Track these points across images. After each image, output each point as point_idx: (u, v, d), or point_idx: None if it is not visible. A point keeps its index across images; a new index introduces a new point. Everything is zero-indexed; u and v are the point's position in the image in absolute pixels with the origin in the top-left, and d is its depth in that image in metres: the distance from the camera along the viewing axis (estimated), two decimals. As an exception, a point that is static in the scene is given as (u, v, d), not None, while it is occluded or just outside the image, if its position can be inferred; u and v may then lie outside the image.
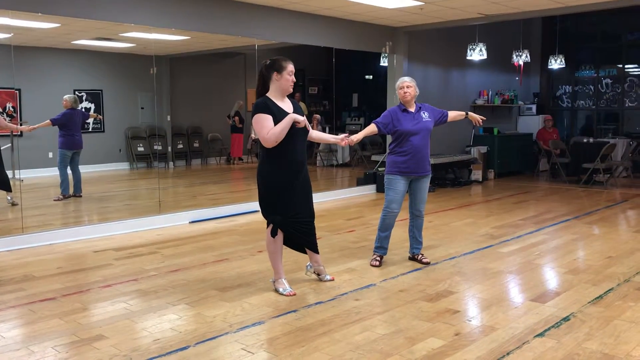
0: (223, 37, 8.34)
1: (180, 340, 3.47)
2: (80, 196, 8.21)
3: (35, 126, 7.84)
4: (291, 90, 4.34)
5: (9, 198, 7.65)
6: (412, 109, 5.10)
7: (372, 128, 5.08)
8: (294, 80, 4.32)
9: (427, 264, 5.16)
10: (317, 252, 4.62)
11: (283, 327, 3.68)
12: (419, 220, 5.23)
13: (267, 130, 4.10)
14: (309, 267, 4.71)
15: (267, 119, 4.12)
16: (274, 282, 4.44)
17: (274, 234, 4.34)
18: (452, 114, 5.35)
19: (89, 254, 5.66)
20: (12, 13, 6.16)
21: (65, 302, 4.20)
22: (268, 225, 4.39)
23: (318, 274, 4.68)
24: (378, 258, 5.17)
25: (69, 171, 8.16)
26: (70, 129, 8.10)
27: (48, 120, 7.90)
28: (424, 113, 5.14)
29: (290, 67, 4.30)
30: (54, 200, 7.98)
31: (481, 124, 5.25)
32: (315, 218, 4.57)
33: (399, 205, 5.07)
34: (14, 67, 6.77)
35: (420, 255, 5.26)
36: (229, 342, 3.44)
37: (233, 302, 4.15)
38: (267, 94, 4.28)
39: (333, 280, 4.68)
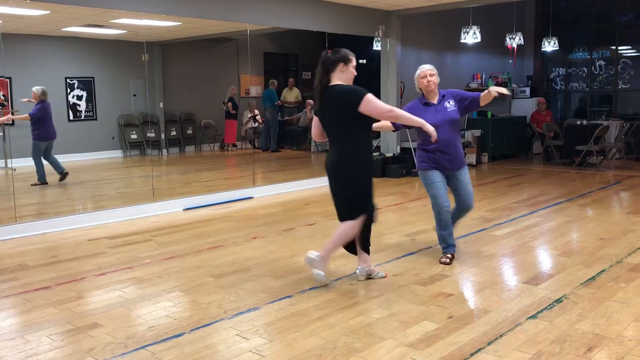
0: (215, 22, 8.28)
1: (176, 327, 3.48)
2: (67, 173, 8.28)
3: (15, 117, 7.83)
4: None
5: None
6: (435, 100, 4.73)
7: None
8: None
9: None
10: (369, 252, 4.40)
11: (278, 312, 3.70)
12: (465, 212, 4.92)
13: (389, 107, 4.12)
14: (359, 270, 4.35)
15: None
16: (319, 260, 4.12)
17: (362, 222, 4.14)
18: (483, 96, 4.66)
19: (83, 243, 5.66)
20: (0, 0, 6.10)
21: (59, 290, 4.20)
22: (356, 217, 4.13)
23: (369, 275, 4.35)
24: (450, 256, 4.73)
25: (45, 160, 8.19)
26: (45, 122, 8.07)
27: (27, 115, 7.87)
28: (448, 102, 4.72)
29: (354, 60, 4.20)
30: (31, 185, 8.00)
31: (507, 93, 4.62)
32: (310, 204, 4.57)
33: (445, 197, 4.66)
34: (3, 55, 6.71)
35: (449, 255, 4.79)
36: (224, 328, 3.45)
37: (228, 289, 4.16)
38: (330, 84, 4.08)
39: (386, 276, 4.38)
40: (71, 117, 10.13)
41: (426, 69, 4.79)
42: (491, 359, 3.00)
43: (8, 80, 8.40)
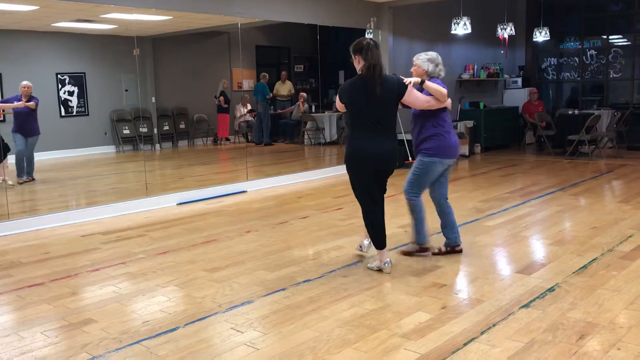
0: (205, 16, 8.24)
1: (170, 321, 3.49)
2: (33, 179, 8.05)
3: (27, 104, 7.68)
4: None
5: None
6: None
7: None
8: None
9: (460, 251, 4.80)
10: None
11: (272, 305, 3.71)
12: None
13: (427, 97, 4.38)
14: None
15: None
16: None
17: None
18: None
19: (77, 239, 5.65)
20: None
21: (53, 287, 4.19)
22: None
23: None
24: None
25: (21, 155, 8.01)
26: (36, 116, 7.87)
27: (33, 102, 7.73)
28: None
29: None
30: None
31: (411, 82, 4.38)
32: (304, 197, 4.59)
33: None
34: (-8, 52, 6.68)
35: (459, 246, 4.81)
36: (219, 322, 3.46)
37: (222, 283, 4.17)
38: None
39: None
40: (63, 113, 10.08)
41: (423, 56, 4.62)
42: (484, 348, 3.02)
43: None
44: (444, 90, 4.41)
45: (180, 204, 7.22)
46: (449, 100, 4.55)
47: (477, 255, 4.73)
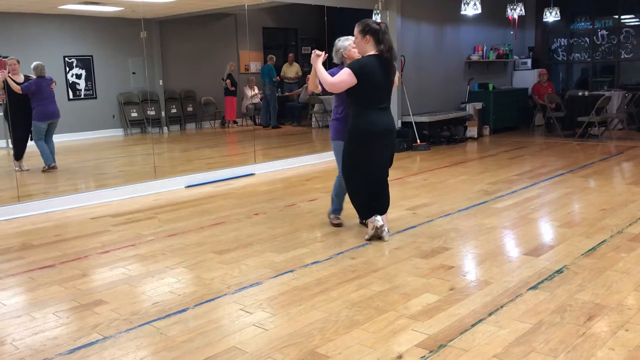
0: (212, -3, 8.20)
1: (179, 302, 3.52)
2: (55, 167, 7.95)
3: (9, 80, 7.47)
4: None
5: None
6: None
7: None
8: None
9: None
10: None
11: (280, 287, 3.73)
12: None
13: None
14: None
15: None
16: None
17: None
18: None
19: (86, 221, 5.69)
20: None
21: (64, 269, 4.24)
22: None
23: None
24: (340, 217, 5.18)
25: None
26: (39, 99, 7.77)
27: (19, 87, 7.59)
28: None
29: None
30: (42, 170, 7.90)
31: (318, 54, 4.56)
32: (311, 179, 4.60)
33: None
34: (0, 35, 6.68)
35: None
36: (228, 303, 3.49)
37: (231, 264, 4.19)
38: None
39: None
40: (71, 96, 10.12)
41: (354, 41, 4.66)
42: (492, 329, 3.03)
43: (6, 59, 8.35)
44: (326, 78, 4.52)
45: (189, 186, 7.25)
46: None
47: (485, 237, 4.73)
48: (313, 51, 4.56)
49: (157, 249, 4.65)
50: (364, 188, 4.60)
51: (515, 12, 10.97)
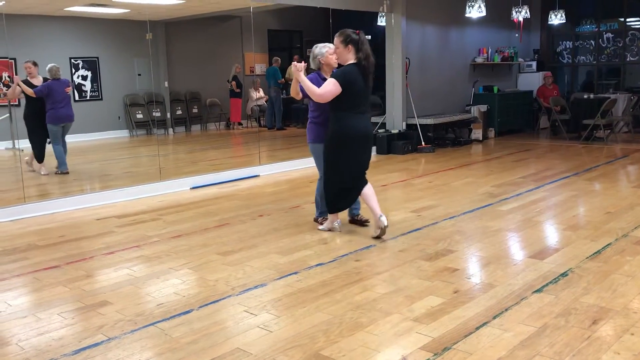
0: (218, 0, 8.22)
1: (184, 304, 3.53)
2: (67, 173, 7.95)
3: (22, 85, 7.50)
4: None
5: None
6: (329, 76, 4.85)
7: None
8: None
9: (368, 221, 5.18)
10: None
11: (285, 288, 3.73)
12: None
13: None
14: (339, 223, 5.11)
15: None
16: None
17: None
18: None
19: (91, 222, 5.71)
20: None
21: (69, 269, 4.25)
22: None
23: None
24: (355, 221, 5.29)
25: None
26: (51, 102, 7.76)
27: (32, 90, 7.60)
28: None
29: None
30: (55, 173, 7.93)
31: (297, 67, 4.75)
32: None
33: None
34: (6, 36, 6.71)
35: (360, 216, 5.27)
36: (232, 305, 3.49)
37: (235, 266, 4.20)
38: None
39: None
40: (77, 98, 10.14)
41: (332, 47, 4.89)
42: (496, 332, 3.03)
43: (13, 61, 8.40)
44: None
45: (194, 188, 7.26)
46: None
47: (489, 240, 4.72)
48: (293, 63, 4.78)
49: (162, 250, 4.67)
50: (340, 185, 4.85)
51: (521, 14, 10.96)
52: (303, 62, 4.82)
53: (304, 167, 8.56)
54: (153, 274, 4.11)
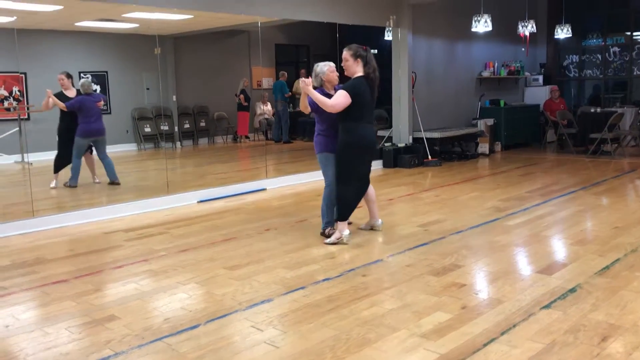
0: (226, 15, 8.29)
1: (191, 319, 3.53)
2: (118, 183, 8.10)
3: (54, 99, 7.63)
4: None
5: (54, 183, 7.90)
6: (333, 92, 5.20)
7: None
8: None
9: (350, 223, 5.50)
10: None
11: (291, 304, 3.73)
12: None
13: None
14: (365, 225, 5.62)
15: None
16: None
17: None
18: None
19: (100, 236, 5.74)
20: (13, -3, 6.15)
21: (77, 283, 4.27)
22: None
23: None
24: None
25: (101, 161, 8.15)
26: (82, 116, 7.86)
27: (63, 104, 7.73)
28: None
29: None
30: (64, 185, 8.00)
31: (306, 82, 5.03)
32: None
33: None
34: (17, 51, 6.79)
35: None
36: (239, 320, 3.50)
37: (242, 280, 4.21)
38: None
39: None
40: (85, 112, 10.19)
41: (333, 66, 5.31)
42: (504, 349, 3.01)
43: (23, 75, 8.48)
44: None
45: (201, 201, 7.29)
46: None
47: (497, 255, 4.71)
48: (301, 79, 5.16)
49: (169, 264, 4.68)
50: (355, 194, 5.18)
51: (527, 29, 10.98)
52: (310, 76, 5.16)
53: (311, 181, 8.58)
54: (160, 288, 4.12)
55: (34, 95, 8.58)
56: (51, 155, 8.60)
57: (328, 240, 5.13)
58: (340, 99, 4.91)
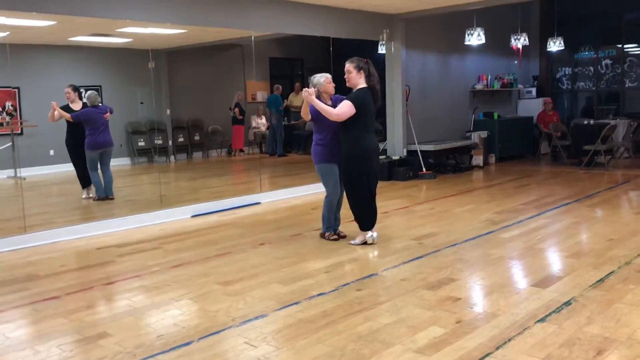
0: (219, 29, 8.31)
1: (184, 335, 3.50)
2: (112, 198, 8.06)
3: (60, 111, 7.68)
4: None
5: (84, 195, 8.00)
6: (329, 102, 5.42)
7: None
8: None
9: (345, 236, 5.67)
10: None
11: (285, 319, 3.70)
12: (342, 199, 5.72)
13: None
14: (375, 235, 5.55)
15: None
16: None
17: None
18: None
19: (92, 251, 5.69)
20: (6, 12, 6.15)
21: (69, 300, 4.23)
22: None
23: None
24: (334, 233, 5.71)
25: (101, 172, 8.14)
26: (89, 128, 7.89)
27: (69, 115, 7.77)
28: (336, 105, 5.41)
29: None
30: (87, 197, 8.08)
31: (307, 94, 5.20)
32: (317, 208, 4.61)
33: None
34: (10, 66, 6.78)
35: (339, 231, 5.75)
36: (232, 336, 3.46)
37: (236, 296, 4.17)
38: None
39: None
40: (79, 126, 10.16)
41: (330, 77, 5.45)
42: (499, 363, 2.99)
43: (16, 90, 8.46)
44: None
45: (195, 216, 7.26)
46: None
47: (491, 268, 4.70)
48: (304, 90, 5.23)
49: (162, 280, 4.64)
50: (366, 201, 5.33)
51: (519, 41, 11.07)
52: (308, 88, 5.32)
53: (306, 194, 8.57)
54: (153, 304, 4.08)
55: (27, 110, 8.56)
56: (44, 170, 8.58)
57: (353, 242, 5.47)
58: (345, 109, 5.09)
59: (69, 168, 8.36)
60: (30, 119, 8.45)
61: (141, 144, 11.33)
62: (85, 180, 8.07)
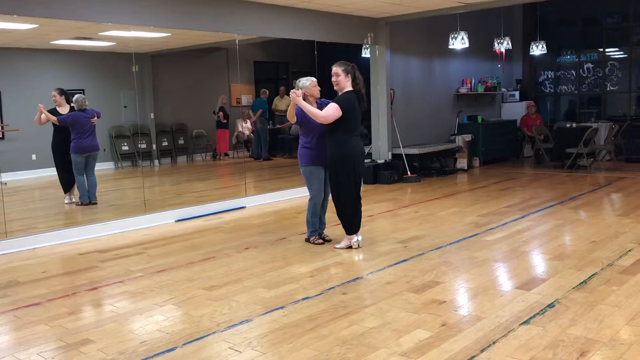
0: (203, 32, 8.28)
1: (168, 341, 3.47)
2: (95, 203, 7.99)
3: (46, 113, 7.60)
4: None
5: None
6: (315, 106, 5.44)
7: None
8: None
9: (330, 240, 5.71)
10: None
11: (271, 324, 3.68)
12: (326, 203, 5.75)
13: None
14: (361, 239, 5.56)
15: None
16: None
17: None
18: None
19: (74, 257, 5.63)
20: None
21: (50, 306, 4.17)
22: None
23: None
24: (320, 237, 5.74)
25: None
26: (75, 132, 7.81)
27: (55, 118, 7.69)
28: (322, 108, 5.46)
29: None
30: (69, 202, 7.97)
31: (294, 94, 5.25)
32: (302, 212, 4.59)
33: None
34: (-9, 70, 6.69)
35: (324, 235, 5.78)
36: (217, 342, 3.44)
37: (220, 301, 4.15)
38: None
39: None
40: (62, 130, 10.06)
41: (315, 80, 5.48)
42: (484, 366, 3.00)
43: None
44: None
45: (179, 220, 7.21)
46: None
47: (476, 270, 4.71)
48: (292, 91, 5.25)
49: (146, 285, 4.60)
50: (351, 204, 5.34)
51: (503, 45, 11.16)
52: (300, 89, 5.38)
53: (291, 198, 8.55)
54: (136, 310, 4.04)
55: (9, 114, 8.46)
56: (26, 175, 8.48)
57: (338, 245, 5.50)
58: (332, 111, 5.14)
59: (51, 173, 8.27)
60: (11, 123, 8.35)
61: (125, 148, 11.24)
62: (67, 185, 7.98)
